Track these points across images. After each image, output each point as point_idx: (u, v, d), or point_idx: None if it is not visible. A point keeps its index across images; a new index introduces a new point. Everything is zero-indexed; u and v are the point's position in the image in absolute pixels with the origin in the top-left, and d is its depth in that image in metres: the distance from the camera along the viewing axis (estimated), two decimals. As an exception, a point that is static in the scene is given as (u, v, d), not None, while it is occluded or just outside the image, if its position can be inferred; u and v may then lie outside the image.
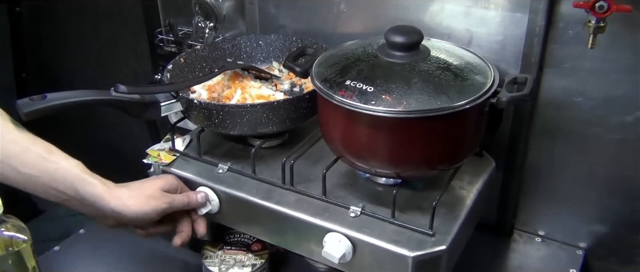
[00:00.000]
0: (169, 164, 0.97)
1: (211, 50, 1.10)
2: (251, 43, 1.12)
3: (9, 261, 0.74)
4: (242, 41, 1.12)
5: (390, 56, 0.82)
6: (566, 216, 1.04)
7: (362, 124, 0.79)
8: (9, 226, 0.72)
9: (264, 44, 1.12)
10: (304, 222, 0.85)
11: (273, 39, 1.12)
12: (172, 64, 1.02)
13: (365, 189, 0.90)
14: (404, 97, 0.76)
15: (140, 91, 0.89)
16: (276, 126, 0.91)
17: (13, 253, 0.74)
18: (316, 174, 0.92)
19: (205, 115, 0.90)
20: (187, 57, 1.06)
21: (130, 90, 0.86)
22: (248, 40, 1.12)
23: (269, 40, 1.12)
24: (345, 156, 0.85)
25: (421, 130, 0.77)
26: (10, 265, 0.73)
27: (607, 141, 0.94)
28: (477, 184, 0.91)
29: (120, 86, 0.85)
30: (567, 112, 0.95)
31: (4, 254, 0.73)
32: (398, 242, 0.80)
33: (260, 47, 1.13)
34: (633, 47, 0.86)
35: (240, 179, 0.93)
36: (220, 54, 1.10)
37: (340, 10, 1.07)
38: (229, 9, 1.21)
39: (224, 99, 0.99)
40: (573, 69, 0.92)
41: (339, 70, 0.83)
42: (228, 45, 1.11)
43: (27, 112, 0.79)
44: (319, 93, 0.81)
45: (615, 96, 0.91)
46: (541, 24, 0.90)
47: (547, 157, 1.01)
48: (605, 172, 0.97)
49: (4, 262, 0.73)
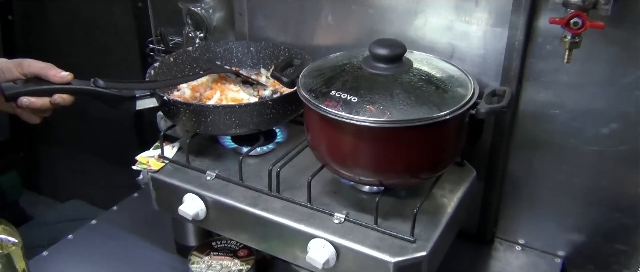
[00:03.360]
0: (158, 170, 0.99)
1: (202, 52, 1.13)
2: (243, 48, 1.15)
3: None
4: (234, 46, 1.15)
5: (374, 68, 0.85)
6: (545, 225, 1.07)
7: (347, 133, 0.82)
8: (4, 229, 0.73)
9: (255, 50, 1.15)
10: (289, 228, 0.87)
11: (263, 47, 1.15)
12: (159, 62, 1.05)
13: (349, 197, 0.93)
14: (387, 107, 0.79)
15: (116, 87, 0.94)
16: (239, 128, 0.95)
17: (3, 256, 0.75)
18: (302, 181, 0.95)
19: (196, 117, 0.93)
20: (177, 57, 1.09)
21: (107, 85, 0.92)
22: (240, 46, 1.15)
23: (259, 47, 1.15)
24: (330, 164, 0.87)
25: (404, 140, 0.80)
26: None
27: (584, 152, 0.97)
28: (458, 193, 0.94)
29: (98, 80, 0.90)
30: (545, 124, 0.98)
31: None
32: (380, 248, 0.82)
33: (250, 53, 1.16)
34: (607, 62, 0.90)
35: (228, 186, 0.95)
36: (211, 56, 1.14)
37: (328, 23, 1.10)
38: (219, 20, 1.24)
39: (204, 99, 1.03)
40: (551, 83, 0.95)
41: (324, 81, 0.86)
42: (220, 49, 1.14)
43: (8, 94, 0.87)
44: (305, 103, 0.84)
45: (591, 109, 0.94)
46: (520, 39, 0.93)
47: (527, 168, 1.04)
48: (582, 182, 1.00)
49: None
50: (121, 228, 1.17)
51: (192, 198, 0.94)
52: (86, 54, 1.46)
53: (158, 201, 1.01)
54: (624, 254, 1.01)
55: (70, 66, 1.46)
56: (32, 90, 0.89)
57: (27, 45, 1.55)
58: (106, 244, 1.13)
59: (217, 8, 1.23)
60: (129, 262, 1.09)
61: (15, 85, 0.89)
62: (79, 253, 1.13)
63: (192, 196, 0.95)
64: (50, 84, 0.90)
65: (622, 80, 0.90)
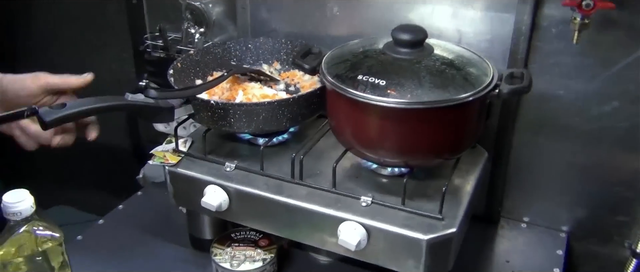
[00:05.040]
0: (176, 164, 0.98)
1: (203, 55, 1.12)
2: (240, 47, 1.15)
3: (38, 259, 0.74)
4: (232, 45, 1.15)
5: (398, 52, 0.87)
6: (549, 202, 1.12)
7: (375, 116, 0.84)
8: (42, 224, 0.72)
9: (253, 47, 1.16)
10: (318, 214, 0.89)
11: (262, 42, 1.15)
12: (172, 69, 1.03)
13: (371, 181, 0.95)
14: (415, 90, 0.81)
15: (168, 96, 0.91)
16: (289, 122, 0.94)
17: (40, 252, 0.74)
18: (322, 168, 0.96)
19: (220, 115, 0.92)
20: (182, 62, 1.08)
21: (161, 96, 0.88)
22: (237, 44, 1.15)
23: (258, 44, 1.16)
24: (356, 147, 0.89)
25: (432, 121, 0.83)
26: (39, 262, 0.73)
27: (587, 130, 1.02)
28: (474, 173, 0.97)
29: (151, 91, 0.87)
30: (550, 105, 1.03)
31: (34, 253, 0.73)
32: (411, 227, 0.84)
33: (249, 50, 1.16)
34: (611, 43, 0.95)
35: (249, 176, 0.96)
36: (211, 58, 1.13)
37: (334, 14, 1.12)
38: (219, 14, 1.24)
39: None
40: (556, 64, 1.00)
41: (349, 66, 0.88)
42: (218, 50, 1.14)
43: (49, 120, 0.80)
44: (333, 88, 0.86)
45: (594, 88, 0.99)
46: (527, 23, 0.97)
47: (531, 148, 1.08)
48: (584, 159, 1.05)
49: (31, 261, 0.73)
50: (131, 226, 1.16)
51: (214, 189, 0.94)
52: (76, 54, 1.43)
53: (176, 196, 1.00)
54: (625, 225, 1.07)
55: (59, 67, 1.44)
56: (69, 114, 0.82)
57: (12, 47, 1.50)
58: (118, 242, 1.11)
59: (218, 2, 1.23)
60: (145, 258, 1.08)
61: (51, 110, 0.81)
62: (91, 253, 1.10)
63: (214, 188, 0.95)
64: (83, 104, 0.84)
65: (625, 60, 0.95)
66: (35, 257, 0.73)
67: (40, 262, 0.72)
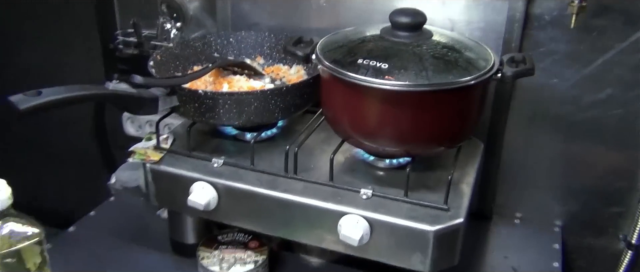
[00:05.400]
0: (158, 161, 0.92)
1: (183, 48, 1.06)
2: (221, 41, 1.10)
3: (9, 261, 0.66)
4: (212, 39, 1.09)
5: (397, 36, 0.84)
6: (542, 197, 1.10)
7: (378, 101, 0.80)
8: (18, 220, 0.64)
9: (235, 41, 1.10)
10: (316, 209, 0.83)
11: (244, 36, 1.10)
12: (152, 60, 0.97)
13: (368, 175, 0.90)
14: (419, 73, 0.77)
15: (154, 84, 0.85)
16: (281, 114, 0.89)
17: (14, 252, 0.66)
18: (315, 163, 0.92)
19: (208, 106, 0.86)
20: (162, 55, 1.01)
21: (147, 82, 0.82)
22: (218, 38, 1.10)
23: (240, 37, 1.10)
24: (355, 136, 0.85)
25: (436, 105, 0.79)
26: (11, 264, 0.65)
27: (580, 119, 1.01)
28: (474, 164, 0.94)
29: (136, 77, 0.80)
30: (543, 93, 1.01)
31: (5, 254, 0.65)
32: (416, 219, 0.80)
33: (230, 45, 1.10)
34: (604, 28, 0.94)
35: (239, 172, 0.90)
36: (192, 52, 1.07)
37: (320, 5, 1.08)
38: (197, 8, 1.18)
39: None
40: (550, 52, 0.98)
41: (346, 51, 0.83)
42: (199, 43, 1.08)
43: (23, 108, 0.72)
44: (331, 73, 0.81)
45: (588, 75, 0.98)
46: (521, 10, 0.96)
47: (523, 141, 1.06)
48: (578, 149, 1.04)
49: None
50: (105, 234, 1.07)
51: (202, 186, 0.88)
52: (41, 54, 1.33)
53: (158, 196, 0.93)
54: (619, 216, 1.05)
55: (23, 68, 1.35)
56: (46, 102, 0.74)
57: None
58: (93, 251, 1.02)
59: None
60: (124, 267, 1.00)
61: (26, 97, 0.73)
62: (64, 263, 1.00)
63: (201, 185, 0.88)
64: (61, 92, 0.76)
65: (619, 45, 0.94)
66: (6, 258, 0.65)
67: (12, 264, 0.64)
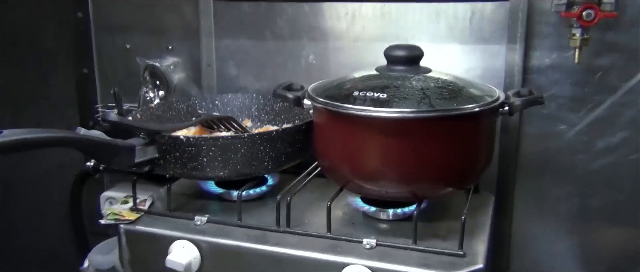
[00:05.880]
0: (134, 221, 0.81)
1: (165, 110, 1.00)
2: (206, 103, 1.04)
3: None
4: (197, 101, 1.04)
5: (394, 71, 0.78)
6: (561, 257, 0.99)
7: (379, 133, 0.72)
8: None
9: (221, 103, 1.05)
10: (314, 262, 0.73)
11: (230, 98, 1.05)
12: (131, 117, 0.90)
13: (370, 227, 0.81)
14: (421, 101, 0.71)
15: (131, 125, 0.78)
16: (271, 164, 0.81)
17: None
18: (310, 218, 0.82)
19: (190, 155, 0.78)
20: (142, 115, 0.95)
21: (122, 120, 0.75)
22: (203, 100, 1.04)
23: (226, 100, 1.05)
24: (355, 179, 0.76)
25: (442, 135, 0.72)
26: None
27: (595, 167, 0.94)
28: (487, 215, 0.85)
29: (110, 114, 0.73)
30: (551, 143, 0.95)
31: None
32: (430, 266, 0.70)
33: (216, 107, 1.05)
34: (609, 68, 0.90)
35: (224, 229, 0.80)
36: (175, 114, 1.01)
37: (309, 63, 1.03)
38: (181, 75, 1.13)
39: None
40: (554, 97, 0.93)
41: (340, 88, 0.77)
42: (182, 106, 1.02)
43: None
44: (325, 109, 0.75)
45: (597, 118, 0.92)
46: (520, 53, 0.92)
47: (536, 195, 0.98)
48: (598, 201, 0.95)
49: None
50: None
51: (183, 245, 0.78)
52: (13, 134, 1.26)
53: (133, 263, 0.82)
54: (650, 276, 0.95)
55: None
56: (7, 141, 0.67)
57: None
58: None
59: (180, 65, 1.13)
60: None
61: None
62: None
63: (182, 243, 0.78)
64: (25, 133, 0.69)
65: (626, 84, 0.90)
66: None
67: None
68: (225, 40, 1.08)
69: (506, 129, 0.95)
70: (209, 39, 1.08)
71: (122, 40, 1.16)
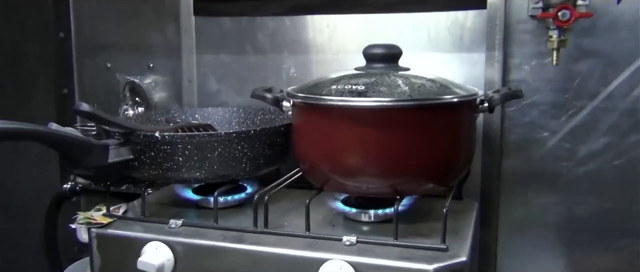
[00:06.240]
0: (106, 225, 0.79)
1: (143, 121, 0.99)
2: (186, 116, 1.03)
3: None
4: (177, 114, 1.02)
5: (373, 68, 0.78)
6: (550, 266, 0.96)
7: (357, 125, 0.71)
8: None
9: (201, 117, 1.03)
10: (291, 259, 0.70)
11: (211, 112, 1.04)
12: (108, 127, 0.89)
13: (350, 228, 0.78)
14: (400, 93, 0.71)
15: (105, 120, 0.76)
16: (249, 166, 0.79)
17: None
18: (289, 221, 0.80)
19: (166, 155, 0.77)
20: (120, 124, 0.93)
21: (95, 112, 0.73)
22: (183, 113, 1.03)
23: (206, 113, 1.04)
24: (334, 176, 0.74)
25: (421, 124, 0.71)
26: None
27: (579, 174, 0.93)
28: (471, 217, 0.82)
29: (82, 104, 0.71)
30: (534, 151, 0.94)
31: None
32: (411, 259, 0.67)
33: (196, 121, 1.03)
34: (587, 74, 0.90)
35: (200, 231, 0.77)
36: (153, 126, 0.99)
37: (291, 75, 1.03)
38: (162, 93, 1.12)
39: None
40: (535, 104, 0.93)
41: (319, 86, 0.77)
42: (161, 118, 1.01)
43: None
44: (304, 102, 0.74)
45: (578, 125, 0.92)
46: (499, 59, 0.92)
47: (522, 204, 0.96)
48: (584, 209, 0.94)
49: None
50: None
51: (156, 246, 0.74)
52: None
53: (103, 267, 0.78)
54: (639, 285, 0.92)
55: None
56: None
57: None
58: None
59: (160, 83, 1.12)
60: None
61: None
62: None
63: (155, 245, 0.75)
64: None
65: (605, 89, 0.90)
66: None
67: None
68: (206, 56, 1.08)
69: (488, 137, 0.94)
70: (190, 55, 1.08)
71: (103, 59, 1.16)
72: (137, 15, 1.13)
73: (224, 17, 1.05)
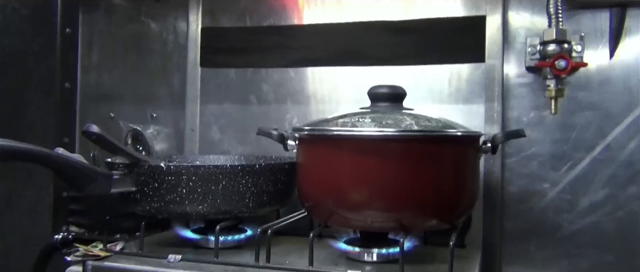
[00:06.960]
0: (104, 258, 0.76)
1: (144, 166, 0.98)
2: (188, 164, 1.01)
3: None
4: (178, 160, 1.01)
5: (378, 107, 0.80)
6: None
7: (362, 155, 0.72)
8: None
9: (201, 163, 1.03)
10: (294, 292, 0.68)
11: (212, 159, 1.03)
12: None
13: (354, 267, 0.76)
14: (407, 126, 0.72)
15: (113, 146, 0.76)
16: (253, 201, 0.79)
17: None
18: (291, 259, 0.78)
19: (170, 186, 0.76)
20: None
21: (103, 134, 0.73)
22: (184, 160, 1.02)
23: (208, 161, 1.03)
24: (338, 210, 0.74)
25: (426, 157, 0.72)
26: None
27: (581, 226, 0.92)
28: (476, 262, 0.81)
29: (92, 125, 0.72)
30: (534, 202, 0.94)
31: None
32: (418, 293, 0.66)
33: None
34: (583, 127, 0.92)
35: (200, 266, 0.75)
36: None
37: (293, 125, 1.04)
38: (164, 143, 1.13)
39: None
40: (534, 155, 0.94)
41: (325, 122, 0.78)
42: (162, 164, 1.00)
43: None
44: (310, 134, 0.75)
45: (578, 177, 0.92)
46: (498, 111, 0.94)
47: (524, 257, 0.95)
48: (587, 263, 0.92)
49: None
50: None
51: (154, 279, 0.72)
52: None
53: (97, 303, 0.76)
54: None
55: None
56: None
57: None
58: None
59: (163, 133, 1.13)
60: None
61: None
62: None
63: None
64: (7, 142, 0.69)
65: (603, 141, 0.92)
66: None
67: None
68: (209, 106, 1.09)
69: (489, 187, 0.95)
70: (194, 104, 1.09)
71: (107, 109, 1.17)
72: (143, 67, 1.15)
73: (229, 68, 1.08)
